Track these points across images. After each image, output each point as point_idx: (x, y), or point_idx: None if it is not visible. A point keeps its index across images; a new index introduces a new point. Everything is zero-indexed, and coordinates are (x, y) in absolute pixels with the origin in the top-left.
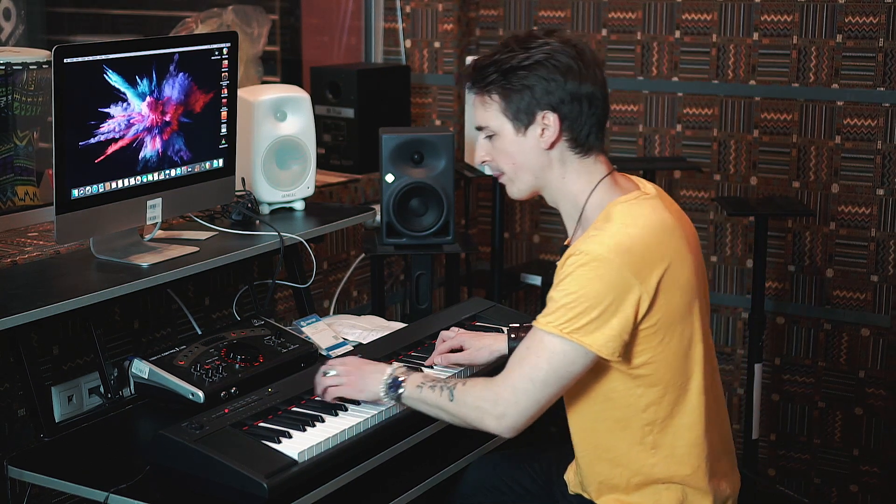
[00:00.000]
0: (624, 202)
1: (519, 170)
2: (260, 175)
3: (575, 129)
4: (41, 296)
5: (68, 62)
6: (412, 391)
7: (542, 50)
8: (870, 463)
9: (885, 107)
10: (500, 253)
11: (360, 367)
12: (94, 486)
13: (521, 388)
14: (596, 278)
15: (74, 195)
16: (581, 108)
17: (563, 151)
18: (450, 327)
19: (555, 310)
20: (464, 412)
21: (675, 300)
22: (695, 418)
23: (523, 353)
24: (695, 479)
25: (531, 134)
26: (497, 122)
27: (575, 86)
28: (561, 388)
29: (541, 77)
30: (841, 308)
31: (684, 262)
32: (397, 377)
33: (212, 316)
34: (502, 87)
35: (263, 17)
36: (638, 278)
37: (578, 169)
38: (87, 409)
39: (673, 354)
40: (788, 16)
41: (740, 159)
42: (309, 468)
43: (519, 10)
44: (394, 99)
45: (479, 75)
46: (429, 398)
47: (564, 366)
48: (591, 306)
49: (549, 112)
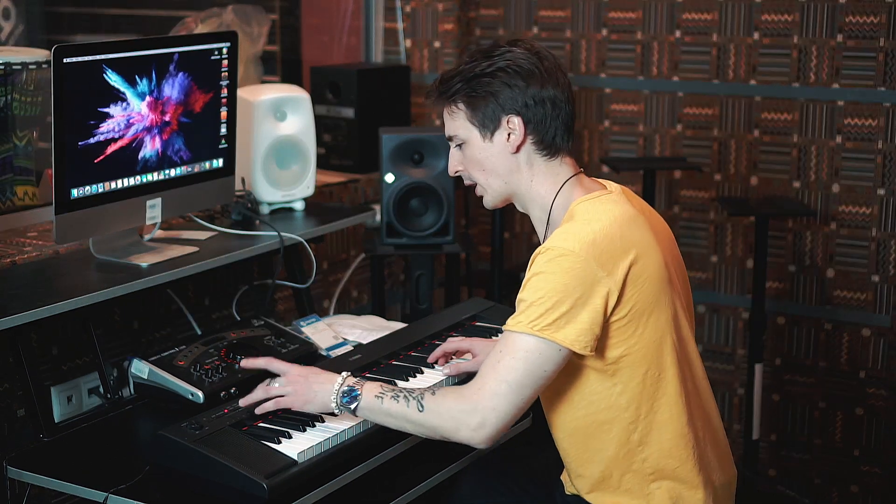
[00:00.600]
0: (586, 200)
1: (489, 176)
2: (260, 175)
3: (540, 132)
4: (41, 296)
5: (68, 62)
6: (370, 401)
7: (504, 57)
8: (870, 463)
9: (885, 106)
10: (500, 253)
11: (306, 376)
12: (93, 487)
13: (499, 393)
14: (562, 272)
15: (74, 195)
16: (545, 111)
17: (530, 154)
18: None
19: (524, 309)
20: (436, 423)
21: (644, 291)
22: (676, 410)
23: (496, 356)
24: (684, 472)
25: (498, 139)
26: (465, 130)
27: (537, 90)
28: (537, 389)
29: (503, 83)
30: (842, 308)
31: (650, 253)
32: (351, 386)
33: (211, 316)
34: (467, 95)
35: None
36: (605, 270)
37: (545, 171)
38: (86, 409)
39: (646, 346)
40: (789, 15)
41: (741, 159)
42: (309, 468)
43: (519, 10)
44: (394, 99)
45: (444, 87)
46: (392, 409)
47: (539, 365)
48: (560, 301)
49: (513, 116)
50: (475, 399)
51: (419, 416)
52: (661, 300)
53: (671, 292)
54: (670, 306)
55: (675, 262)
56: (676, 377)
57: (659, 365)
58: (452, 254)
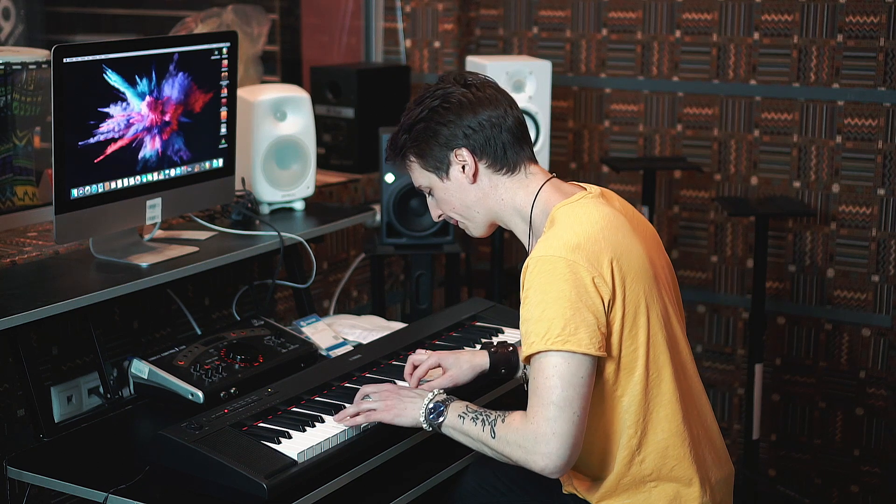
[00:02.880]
0: (566, 204)
1: (464, 210)
2: (260, 175)
3: (489, 153)
4: (40, 296)
5: (68, 62)
6: (453, 420)
7: (434, 96)
8: (870, 463)
9: (885, 106)
10: (500, 253)
11: (398, 392)
12: (93, 487)
13: (551, 416)
14: (555, 281)
15: (74, 195)
16: (486, 133)
17: (490, 177)
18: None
19: (531, 328)
20: (508, 450)
21: (633, 289)
22: (672, 409)
23: (533, 384)
24: (681, 470)
25: (454, 175)
26: (425, 178)
27: (471, 117)
28: (583, 399)
29: (438, 122)
30: (842, 308)
31: (633, 251)
32: (439, 402)
33: (211, 316)
34: (413, 146)
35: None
36: (594, 270)
37: (512, 186)
38: (86, 409)
39: (642, 346)
40: (789, 15)
41: (741, 159)
42: (308, 468)
43: (519, 10)
44: (394, 99)
45: (392, 145)
46: (471, 430)
47: (572, 374)
48: (562, 309)
49: (458, 149)
50: (533, 428)
51: (493, 443)
52: (650, 298)
53: (659, 290)
54: (660, 303)
55: (661, 260)
56: (672, 376)
57: (656, 364)
58: (452, 254)
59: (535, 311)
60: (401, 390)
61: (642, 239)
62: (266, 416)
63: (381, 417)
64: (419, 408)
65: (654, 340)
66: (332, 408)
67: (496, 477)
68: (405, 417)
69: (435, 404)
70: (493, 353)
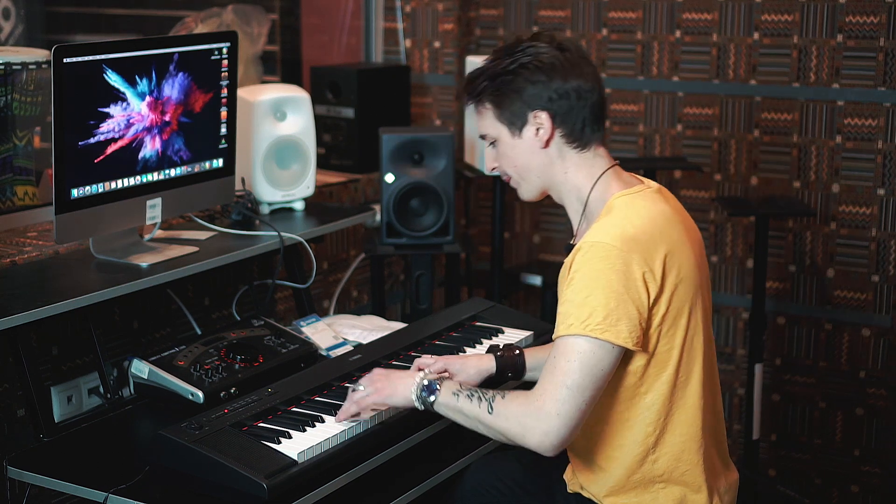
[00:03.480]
0: (625, 195)
1: (523, 171)
2: (260, 175)
3: (568, 124)
4: (41, 296)
5: (68, 62)
6: (447, 398)
7: (526, 53)
8: (871, 463)
9: (885, 106)
10: (500, 253)
11: (387, 374)
12: (93, 487)
13: (560, 398)
14: (606, 269)
15: (74, 195)
16: (570, 103)
17: (560, 147)
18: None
19: (572, 310)
20: (504, 426)
21: (679, 291)
22: (693, 415)
23: (552, 362)
24: (692, 476)
25: (527, 135)
26: (494, 128)
27: (560, 83)
28: (597, 389)
29: (526, 79)
30: (842, 308)
31: (685, 253)
32: (432, 380)
33: (211, 316)
34: (492, 94)
35: (263, 16)
36: (646, 265)
37: (578, 163)
38: (86, 409)
39: (677, 347)
40: (789, 15)
41: (741, 159)
42: (308, 468)
43: (519, 10)
44: (394, 99)
45: (471, 87)
46: (466, 407)
47: (595, 364)
48: (606, 298)
49: (539, 111)
50: (538, 405)
51: (489, 418)
52: (694, 301)
53: (702, 295)
54: (701, 308)
55: (704, 266)
56: (700, 381)
57: (687, 367)
58: (452, 254)
59: (580, 295)
60: (391, 371)
61: (692, 242)
62: (266, 416)
63: (373, 400)
64: (410, 385)
65: (690, 344)
66: (332, 408)
67: (496, 477)
68: (397, 396)
69: (428, 381)
70: (500, 357)
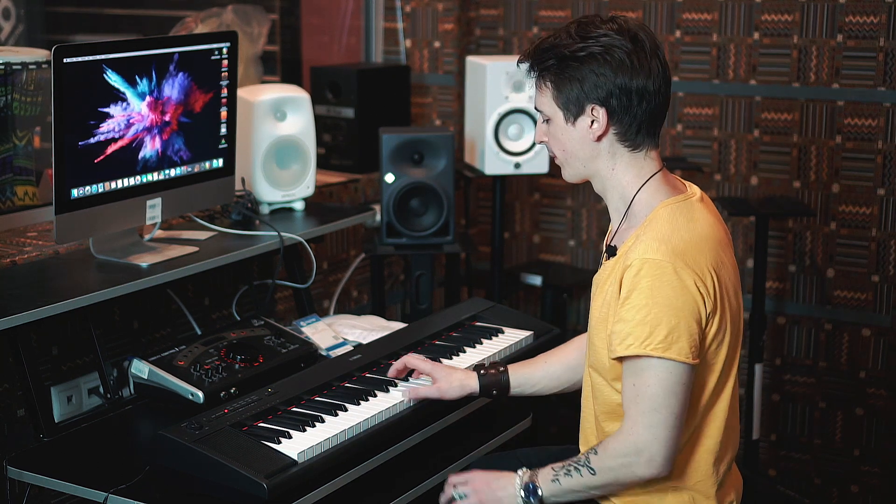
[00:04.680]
0: (671, 204)
1: (569, 156)
2: (260, 175)
3: (624, 124)
4: (41, 296)
5: (68, 62)
6: (550, 487)
7: (599, 42)
8: (870, 463)
9: (885, 106)
10: (500, 253)
11: (488, 483)
12: (93, 487)
13: (653, 423)
14: (663, 285)
15: (74, 195)
16: (630, 103)
17: (612, 144)
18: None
19: (632, 329)
20: (612, 476)
21: (726, 303)
22: (718, 427)
23: (631, 390)
24: (704, 486)
25: (580, 125)
26: (550, 108)
27: (625, 80)
28: (682, 401)
29: (591, 70)
30: (842, 308)
31: (728, 264)
32: (528, 481)
33: (211, 316)
34: (556, 75)
35: (263, 16)
36: (699, 279)
37: (628, 162)
38: (86, 409)
39: (719, 360)
40: (789, 15)
41: (741, 159)
42: (309, 468)
43: (519, 9)
44: (394, 99)
45: (537, 59)
46: (572, 486)
47: (673, 383)
48: (667, 315)
49: (597, 105)
50: (633, 438)
51: (596, 480)
52: (735, 314)
53: (738, 307)
54: (737, 321)
55: (738, 275)
56: (729, 398)
57: (721, 383)
58: (452, 254)
59: (640, 314)
60: (490, 479)
61: (729, 252)
62: (266, 416)
63: None
64: (514, 495)
65: (728, 359)
66: (332, 408)
67: None
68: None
69: (528, 483)
70: (482, 376)
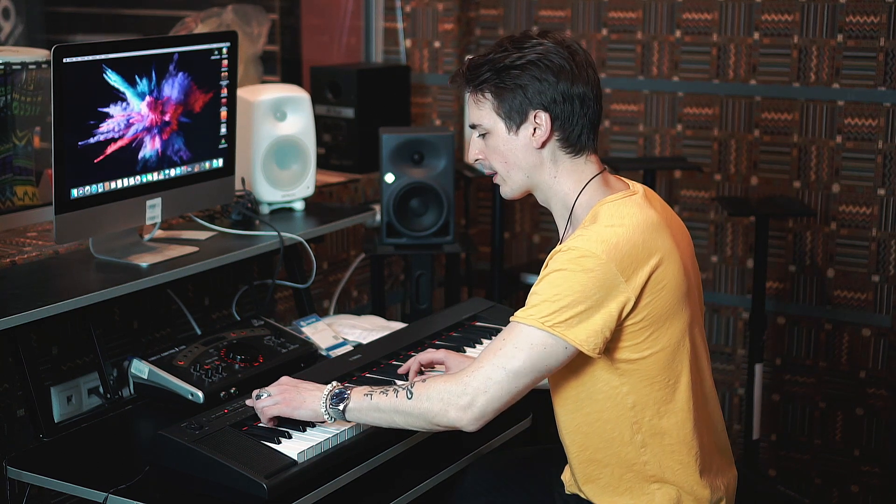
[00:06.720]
0: (611, 201)
1: (511, 168)
2: (260, 175)
3: (566, 129)
4: (40, 296)
5: (68, 62)
6: (359, 400)
7: (536, 50)
8: (871, 463)
9: (885, 106)
10: (500, 253)
11: (297, 384)
12: (93, 487)
13: (494, 378)
14: (582, 273)
15: (74, 195)
16: (573, 108)
17: (554, 151)
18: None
19: (538, 303)
20: (425, 406)
21: (662, 298)
22: (682, 417)
23: (498, 343)
24: (685, 477)
25: (523, 133)
26: (490, 120)
27: (567, 86)
28: (533, 381)
29: (533, 77)
30: (842, 308)
31: (672, 259)
32: (341, 389)
33: (211, 316)
34: (495, 85)
35: (263, 16)
36: (624, 276)
37: (569, 168)
38: (86, 409)
39: (660, 352)
40: (789, 15)
41: (741, 159)
42: (308, 468)
43: (519, 10)
44: (394, 99)
45: (472, 74)
46: (381, 403)
47: (542, 358)
48: (576, 301)
49: (540, 111)
50: (467, 381)
51: (408, 405)
52: (678, 306)
53: (689, 298)
54: (687, 312)
55: (693, 266)
56: (688, 386)
57: (674, 372)
58: (452, 254)
59: (550, 291)
60: (301, 382)
61: (678, 245)
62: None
63: (277, 410)
64: (319, 398)
65: (675, 348)
66: None
67: (496, 477)
68: (304, 409)
69: (338, 391)
70: None
